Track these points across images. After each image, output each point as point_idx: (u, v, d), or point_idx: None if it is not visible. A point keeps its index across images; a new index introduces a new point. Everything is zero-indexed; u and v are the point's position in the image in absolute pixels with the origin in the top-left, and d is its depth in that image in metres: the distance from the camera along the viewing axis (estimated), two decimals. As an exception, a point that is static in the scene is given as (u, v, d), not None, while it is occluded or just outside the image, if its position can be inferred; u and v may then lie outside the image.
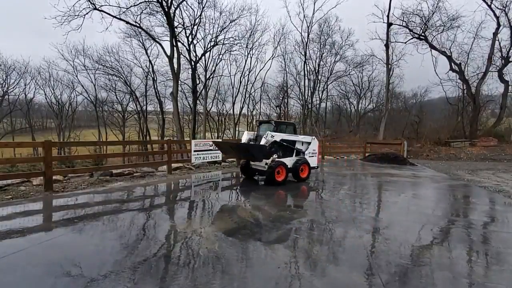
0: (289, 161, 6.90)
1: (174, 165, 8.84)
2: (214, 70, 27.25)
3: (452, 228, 3.93)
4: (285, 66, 30.92)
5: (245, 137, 7.48)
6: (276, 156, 6.63)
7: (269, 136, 6.38)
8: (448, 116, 28.96)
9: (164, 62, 26.30)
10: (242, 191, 6.34)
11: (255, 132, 7.59)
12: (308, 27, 26.31)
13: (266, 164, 6.51)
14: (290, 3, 68.12)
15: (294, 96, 33.37)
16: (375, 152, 15.17)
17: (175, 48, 18.30)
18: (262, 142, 6.35)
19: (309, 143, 7.51)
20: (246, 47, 27.33)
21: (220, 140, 9.81)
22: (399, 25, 22.60)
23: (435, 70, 24.84)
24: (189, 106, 30.19)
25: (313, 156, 7.55)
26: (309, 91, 28.86)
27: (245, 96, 30.86)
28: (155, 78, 28.47)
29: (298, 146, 7.25)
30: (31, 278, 2.37)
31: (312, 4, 26.31)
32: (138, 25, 18.40)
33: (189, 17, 21.27)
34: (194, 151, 8.81)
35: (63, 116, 34.37)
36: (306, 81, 28.48)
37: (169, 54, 18.40)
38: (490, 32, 21.35)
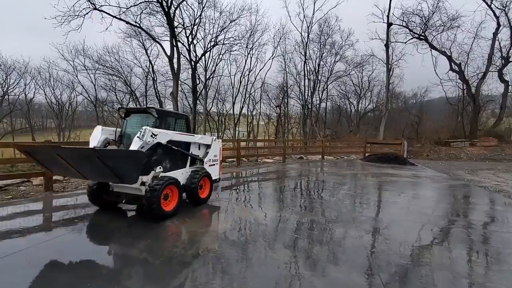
0: (181, 175, 4.48)
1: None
2: (214, 70, 27.24)
3: (452, 228, 3.94)
4: (285, 66, 30.87)
5: (96, 136, 4.14)
6: (161, 170, 4.03)
7: (148, 135, 3.67)
8: (448, 116, 28.95)
9: (164, 62, 26.29)
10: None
11: (118, 129, 4.43)
12: (308, 27, 26.28)
13: (143, 183, 3.82)
14: (290, 3, 68.09)
15: (294, 96, 33.32)
16: (375, 152, 15.17)
17: (175, 48, 18.29)
18: (135, 145, 3.59)
19: (208, 146, 5.20)
20: (246, 47, 27.27)
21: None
22: (399, 25, 22.60)
23: (435, 70, 24.86)
24: (189, 106, 30.15)
25: (214, 164, 5.30)
26: (309, 91, 28.83)
27: (245, 96, 30.81)
28: (155, 78, 28.49)
29: (193, 150, 4.89)
30: (31, 278, 2.37)
31: (312, 4, 26.22)
32: (138, 25, 18.38)
33: (189, 17, 21.26)
34: None
35: (63, 116, 34.34)
36: (306, 81, 28.46)
37: (169, 54, 18.39)
38: (490, 32, 21.37)
